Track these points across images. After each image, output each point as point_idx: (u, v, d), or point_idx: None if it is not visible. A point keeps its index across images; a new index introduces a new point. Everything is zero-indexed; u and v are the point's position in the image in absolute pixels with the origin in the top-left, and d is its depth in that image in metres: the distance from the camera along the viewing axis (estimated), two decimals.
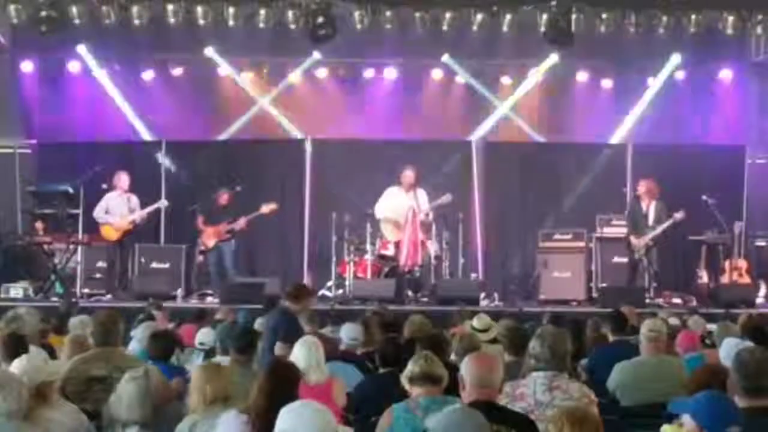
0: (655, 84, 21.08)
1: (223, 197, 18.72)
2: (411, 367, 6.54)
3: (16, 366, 6.64)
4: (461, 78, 21.13)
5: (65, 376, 7.78)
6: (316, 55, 20.70)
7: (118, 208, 18.34)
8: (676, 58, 20.71)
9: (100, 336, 8.34)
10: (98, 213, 18.33)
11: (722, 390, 5.75)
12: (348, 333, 9.85)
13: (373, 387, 8.14)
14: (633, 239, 17.98)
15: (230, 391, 6.60)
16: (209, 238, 18.67)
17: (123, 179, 18.47)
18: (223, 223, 18.55)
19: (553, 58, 20.63)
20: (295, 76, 21.11)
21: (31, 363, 6.71)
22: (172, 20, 18.10)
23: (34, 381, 6.46)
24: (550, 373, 6.82)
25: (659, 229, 17.98)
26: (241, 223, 18.51)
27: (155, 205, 18.78)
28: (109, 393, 7.26)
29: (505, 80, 21.22)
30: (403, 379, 6.60)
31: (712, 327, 12.60)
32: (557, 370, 6.85)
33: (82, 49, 20.51)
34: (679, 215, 17.82)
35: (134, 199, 18.49)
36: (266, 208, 18.46)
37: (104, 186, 18.46)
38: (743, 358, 5.71)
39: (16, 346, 7.44)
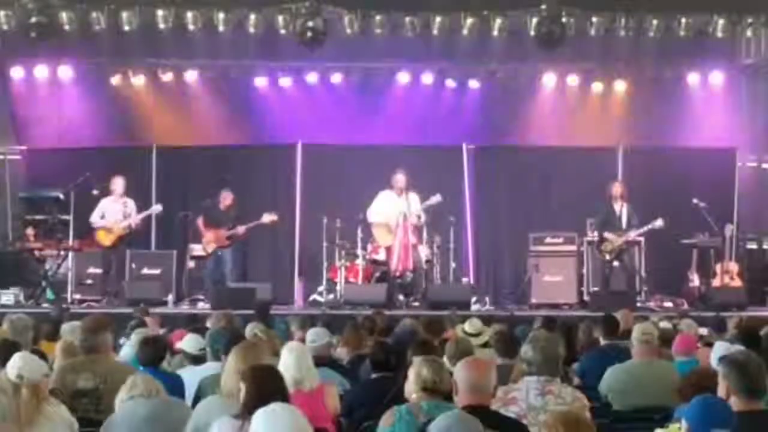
0: (645, 87, 21.03)
1: (227, 199, 18.65)
2: (425, 376, 6.53)
3: (12, 365, 6.66)
4: (452, 82, 21.08)
5: (51, 387, 7.76)
6: (306, 60, 20.64)
7: (114, 214, 18.29)
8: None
9: (87, 342, 8.32)
10: (94, 218, 18.29)
11: (714, 393, 5.76)
12: (311, 338, 9.77)
13: (365, 392, 8.14)
14: (609, 236, 17.99)
15: None
16: (209, 243, 18.54)
17: (118, 183, 18.41)
18: (224, 228, 18.45)
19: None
20: (285, 81, 21.06)
21: (26, 361, 6.72)
22: (162, 26, 18.10)
23: (30, 380, 6.49)
24: (543, 377, 6.83)
25: (633, 234, 18.03)
26: (241, 230, 18.44)
27: (149, 211, 18.74)
28: (96, 405, 7.27)
29: (497, 84, 21.13)
30: (412, 386, 6.60)
31: (703, 330, 12.65)
32: (550, 374, 6.86)
33: (72, 54, 20.43)
34: (658, 223, 17.88)
35: (131, 204, 18.43)
36: (267, 218, 18.40)
37: (95, 192, 18.40)
38: (739, 362, 5.70)
39: (10, 352, 7.42)
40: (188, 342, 9.52)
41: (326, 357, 9.55)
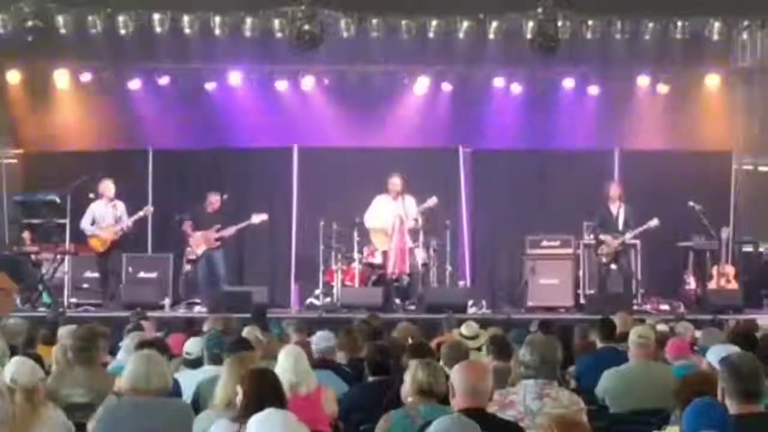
0: (641, 90, 21.01)
1: (214, 203, 18.65)
2: (421, 378, 6.53)
3: (7, 369, 6.66)
4: (448, 85, 21.01)
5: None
6: (303, 63, 20.62)
7: (104, 218, 18.23)
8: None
9: (78, 352, 8.27)
10: (85, 224, 18.18)
11: (712, 397, 5.75)
12: (317, 340, 9.80)
13: (362, 395, 8.14)
14: (606, 239, 17.99)
15: None
16: (198, 244, 18.56)
17: (108, 187, 18.35)
18: (212, 229, 18.47)
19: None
20: (281, 84, 21.02)
21: (20, 366, 6.72)
22: (158, 29, 18.10)
23: (25, 384, 6.48)
24: (540, 381, 6.82)
25: (629, 235, 18.03)
26: (231, 231, 18.48)
27: (141, 213, 18.65)
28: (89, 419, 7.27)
29: (492, 87, 21.08)
30: (408, 389, 6.60)
31: (699, 333, 12.63)
32: (547, 377, 6.86)
33: (68, 58, 20.39)
34: (653, 223, 17.87)
35: (120, 206, 18.37)
36: (257, 219, 18.41)
37: (91, 195, 18.38)
38: (736, 364, 5.70)
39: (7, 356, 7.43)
40: (188, 345, 9.53)
41: (332, 360, 9.58)
